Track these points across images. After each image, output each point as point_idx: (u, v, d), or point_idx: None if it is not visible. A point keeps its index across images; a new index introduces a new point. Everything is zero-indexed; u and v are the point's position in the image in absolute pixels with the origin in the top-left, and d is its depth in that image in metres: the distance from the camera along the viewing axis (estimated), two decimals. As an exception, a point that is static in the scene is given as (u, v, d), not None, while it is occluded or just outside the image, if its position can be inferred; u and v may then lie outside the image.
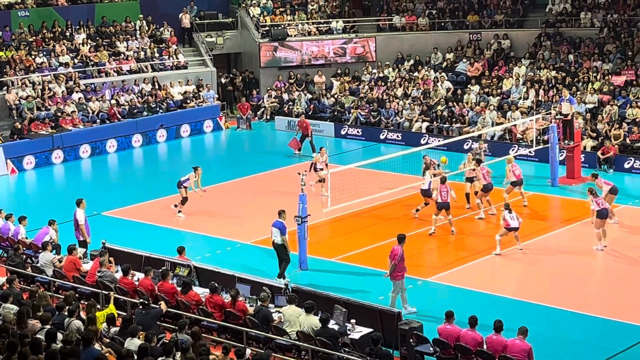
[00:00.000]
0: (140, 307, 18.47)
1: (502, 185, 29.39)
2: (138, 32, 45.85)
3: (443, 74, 43.18)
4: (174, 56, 45.33)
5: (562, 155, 32.85)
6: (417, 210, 28.69)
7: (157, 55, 45.00)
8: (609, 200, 26.70)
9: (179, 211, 29.63)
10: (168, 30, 46.58)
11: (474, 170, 29.19)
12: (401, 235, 21.73)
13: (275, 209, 28.10)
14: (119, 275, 21.09)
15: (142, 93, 42.48)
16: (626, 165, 33.85)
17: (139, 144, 40.52)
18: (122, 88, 42.28)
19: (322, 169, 30.38)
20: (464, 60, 44.16)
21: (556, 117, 32.98)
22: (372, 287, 23.61)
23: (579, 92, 38.29)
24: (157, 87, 43.17)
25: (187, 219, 29.64)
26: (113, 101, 41.10)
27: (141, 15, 46.54)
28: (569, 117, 32.55)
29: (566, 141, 32.48)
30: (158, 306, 18.97)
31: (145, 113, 41.43)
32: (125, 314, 18.78)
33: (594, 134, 35.55)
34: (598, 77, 39.42)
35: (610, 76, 39.19)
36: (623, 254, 25.55)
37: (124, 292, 20.35)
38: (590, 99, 37.94)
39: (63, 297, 19.52)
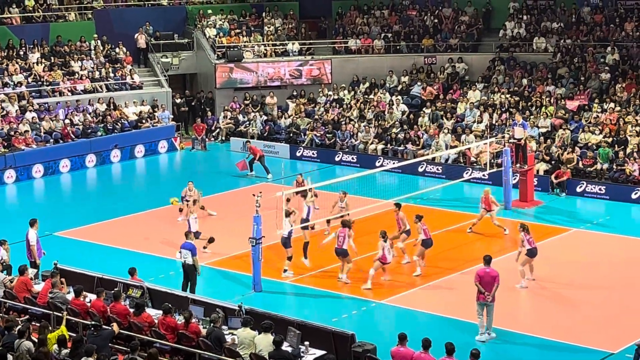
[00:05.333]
0: (92, 328, 18.28)
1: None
2: (93, 51, 45.63)
3: (398, 96, 43.42)
4: (129, 76, 45.16)
5: (515, 178, 33.12)
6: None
7: (112, 75, 44.80)
8: (523, 262, 24.88)
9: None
10: (123, 51, 46.40)
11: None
12: (488, 257, 21.80)
13: (229, 230, 28.17)
14: (70, 296, 20.87)
15: (96, 113, 42.24)
16: (578, 189, 34.20)
17: (93, 164, 40.25)
18: (76, 108, 42.01)
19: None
20: (419, 83, 44.46)
21: (509, 141, 33.28)
22: (326, 309, 23.64)
23: (532, 116, 38.68)
24: (111, 107, 42.93)
25: (141, 240, 29.51)
26: (67, 121, 40.80)
27: (96, 35, 46.33)
28: (522, 142, 32.85)
29: (519, 165, 32.76)
30: (110, 327, 18.80)
31: (99, 133, 41.17)
32: (75, 335, 18.57)
33: (548, 158, 35.91)
34: (551, 101, 39.85)
35: (563, 101, 39.62)
36: (578, 277, 25.81)
37: (76, 314, 20.14)
38: (543, 123, 38.33)
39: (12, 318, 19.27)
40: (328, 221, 29.29)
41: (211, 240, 27.83)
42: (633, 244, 28.79)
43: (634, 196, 33.27)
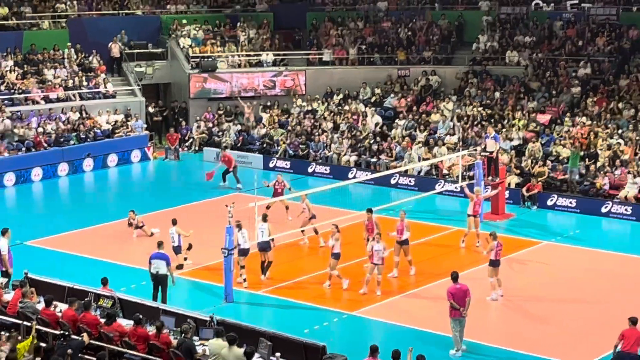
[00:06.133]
0: (61, 338, 18.20)
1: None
2: (66, 60, 45.46)
3: (372, 108, 43.53)
4: (103, 85, 45.03)
5: (487, 191, 33.26)
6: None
7: (85, 84, 44.65)
8: (490, 274, 25.09)
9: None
10: (97, 59, 46.26)
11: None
12: (455, 273, 21.75)
13: (202, 240, 28.06)
14: (41, 306, 20.75)
15: (69, 120, 42.07)
16: (549, 202, 34.41)
17: (65, 172, 40.08)
18: (49, 116, 41.84)
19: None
20: (392, 95, 44.59)
21: (481, 153, 33.44)
22: (298, 320, 23.65)
23: (504, 130, 38.87)
24: (84, 115, 42.78)
25: (114, 249, 29.43)
26: (39, 129, 40.62)
27: (69, 44, 46.19)
28: (494, 154, 33.03)
29: (491, 177, 32.93)
30: (80, 338, 18.72)
31: (72, 142, 41.02)
32: (45, 345, 18.49)
33: (518, 171, 36.10)
34: (523, 114, 40.06)
35: (535, 114, 39.85)
36: (548, 289, 25.96)
37: (46, 324, 20.04)
38: (515, 136, 38.52)
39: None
40: (302, 231, 29.42)
41: (189, 247, 27.81)
42: (603, 258, 28.98)
43: (604, 210, 33.50)
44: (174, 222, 27.45)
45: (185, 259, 27.72)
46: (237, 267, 25.89)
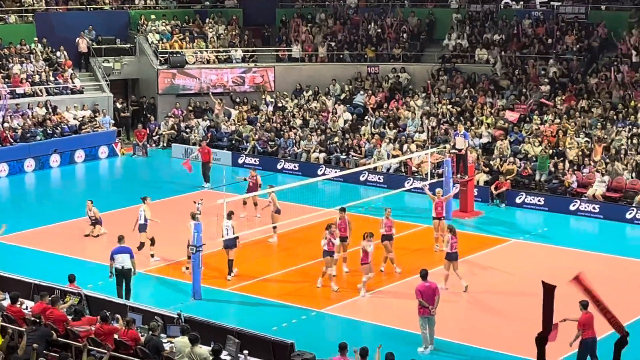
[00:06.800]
0: (33, 326, 18.08)
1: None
2: (33, 55, 45.04)
3: (342, 105, 43.50)
4: (70, 80, 44.67)
5: (455, 189, 33.29)
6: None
7: (52, 79, 44.26)
8: (446, 266, 25.38)
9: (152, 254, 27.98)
10: (64, 54, 45.87)
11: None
12: (424, 271, 21.63)
13: (170, 237, 27.87)
14: (6, 302, 20.54)
15: (33, 115, 41.64)
16: (518, 200, 34.51)
17: (32, 168, 39.74)
18: (15, 111, 41.44)
19: None
20: (362, 92, 44.57)
21: (450, 151, 33.47)
22: (266, 317, 23.56)
23: (473, 127, 38.94)
24: (51, 111, 42.41)
25: (80, 245, 29.18)
26: (5, 124, 40.22)
27: (36, 38, 45.78)
28: (463, 152, 33.07)
29: (459, 175, 32.96)
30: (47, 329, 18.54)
31: (38, 137, 40.65)
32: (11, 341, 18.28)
33: (487, 169, 36.17)
34: (492, 111, 40.16)
35: (504, 112, 39.96)
36: (516, 287, 26.01)
37: (11, 320, 19.81)
38: (484, 134, 38.60)
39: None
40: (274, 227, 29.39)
41: (152, 242, 27.60)
42: (570, 255, 29.08)
43: (572, 208, 33.64)
44: (144, 200, 27.39)
45: (152, 255, 27.54)
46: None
